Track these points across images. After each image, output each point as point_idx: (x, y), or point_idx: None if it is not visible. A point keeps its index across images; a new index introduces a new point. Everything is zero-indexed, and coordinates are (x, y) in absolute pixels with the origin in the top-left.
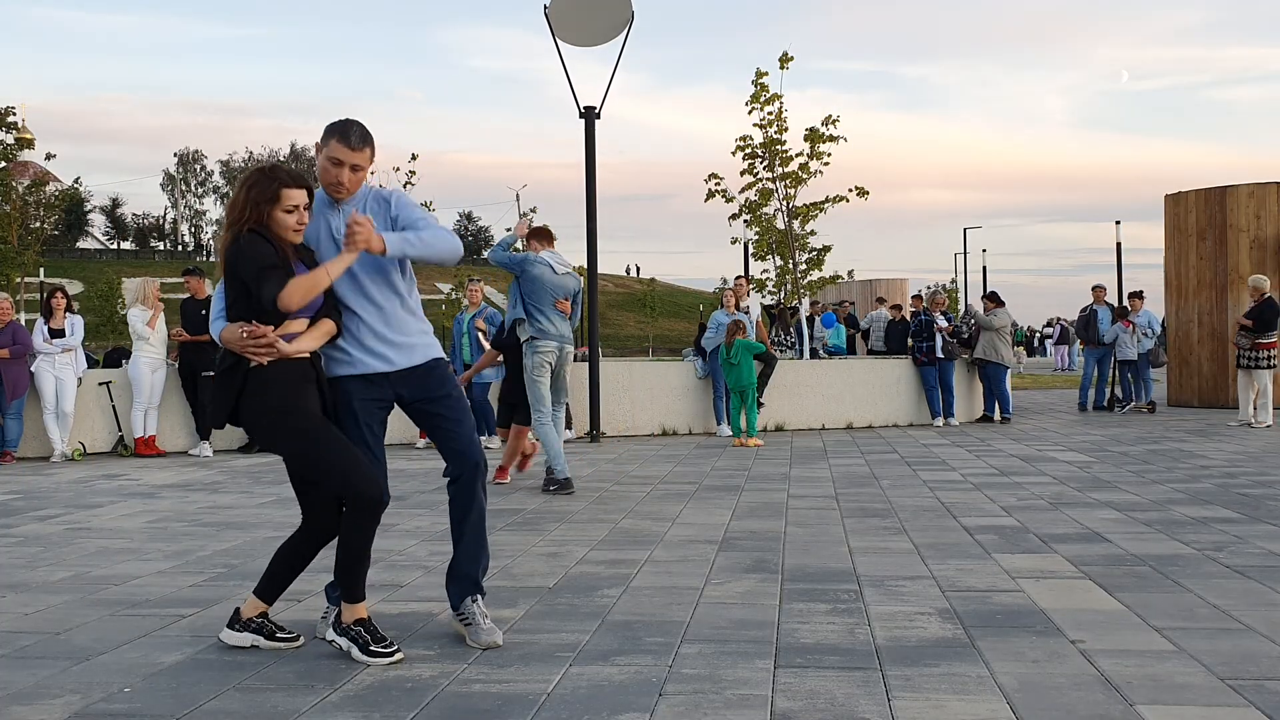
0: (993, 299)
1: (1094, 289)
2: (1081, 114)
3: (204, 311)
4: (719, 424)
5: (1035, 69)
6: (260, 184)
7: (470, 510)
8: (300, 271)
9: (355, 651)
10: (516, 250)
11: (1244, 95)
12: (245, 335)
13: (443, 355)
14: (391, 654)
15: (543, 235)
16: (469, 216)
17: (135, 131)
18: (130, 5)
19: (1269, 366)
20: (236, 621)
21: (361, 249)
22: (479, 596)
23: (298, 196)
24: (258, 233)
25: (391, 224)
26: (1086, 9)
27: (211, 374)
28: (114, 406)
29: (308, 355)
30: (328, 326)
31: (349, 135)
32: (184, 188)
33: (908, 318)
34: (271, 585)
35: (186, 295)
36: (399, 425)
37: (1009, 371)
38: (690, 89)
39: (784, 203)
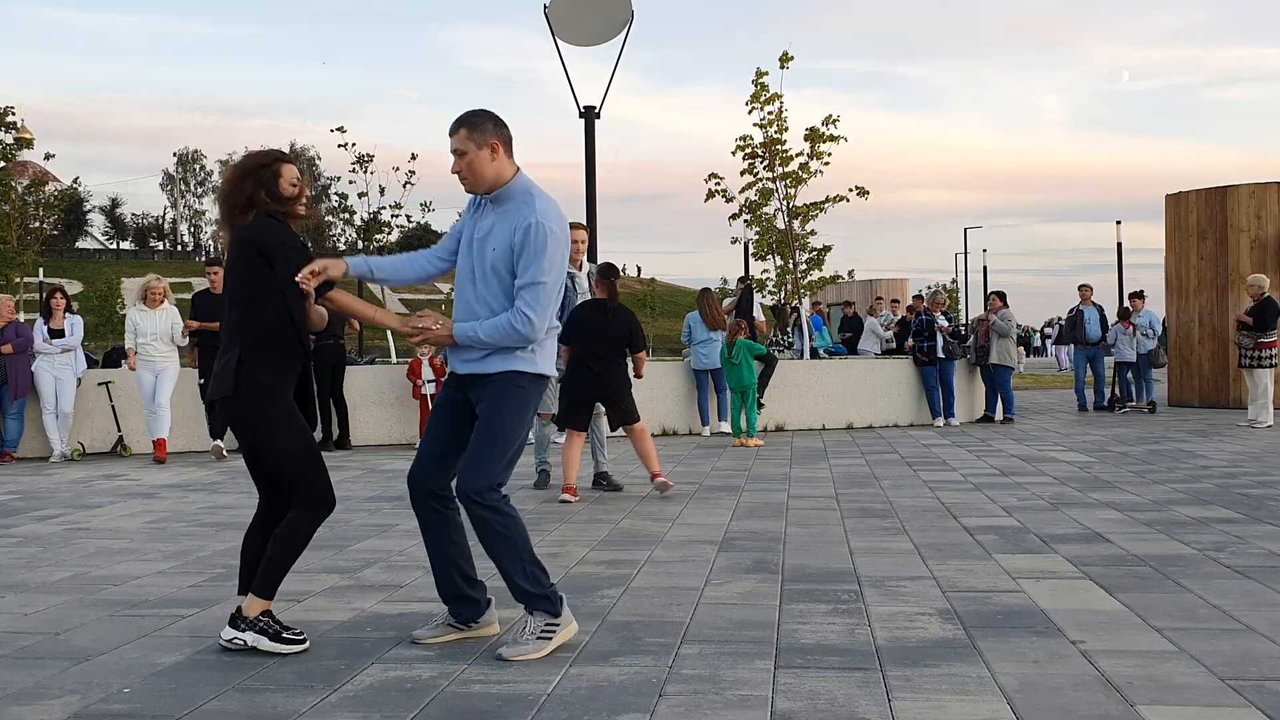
0: (1001, 298)
1: (1080, 288)
2: (1080, 114)
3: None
4: (704, 424)
5: (1033, 69)
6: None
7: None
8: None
9: (265, 642)
10: None
11: (1242, 95)
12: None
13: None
14: (303, 641)
15: None
16: None
17: (133, 131)
18: (127, 5)
19: (1270, 365)
20: (241, 620)
21: (422, 342)
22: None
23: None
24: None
25: (511, 258)
26: (1083, 9)
27: None
28: (114, 407)
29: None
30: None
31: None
32: (183, 188)
33: (904, 316)
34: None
35: (203, 289)
36: (399, 425)
37: (1013, 371)
38: (687, 89)
39: (784, 203)
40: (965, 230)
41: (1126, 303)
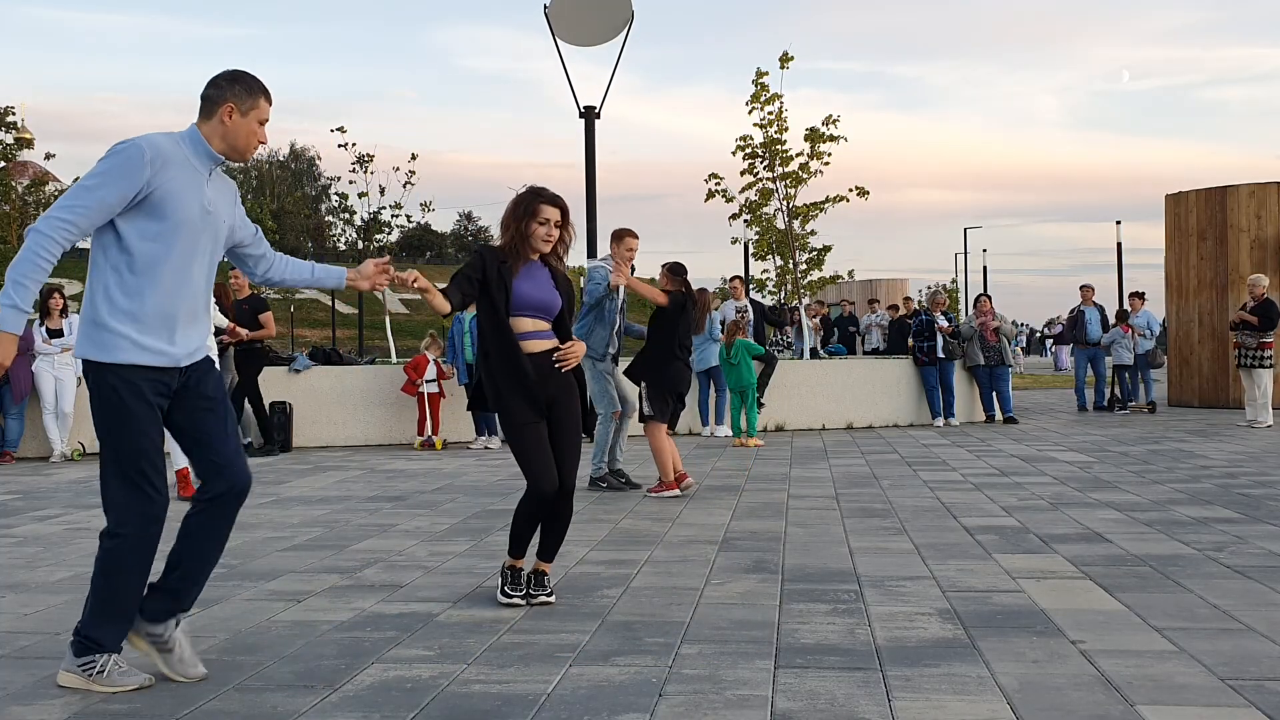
0: (990, 299)
1: (1082, 289)
2: (1078, 114)
3: (246, 307)
4: (704, 424)
5: (1031, 69)
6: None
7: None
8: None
9: (499, 588)
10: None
11: (1239, 95)
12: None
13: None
14: (511, 600)
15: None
16: (469, 216)
17: (132, 132)
18: (127, 5)
19: (1270, 365)
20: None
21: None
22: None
23: (549, 212)
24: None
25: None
26: (1080, 9)
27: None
28: None
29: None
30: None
31: None
32: None
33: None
34: (516, 544)
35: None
36: (399, 425)
37: (1011, 370)
38: (683, 89)
39: (784, 203)
40: (965, 230)
41: (1127, 303)
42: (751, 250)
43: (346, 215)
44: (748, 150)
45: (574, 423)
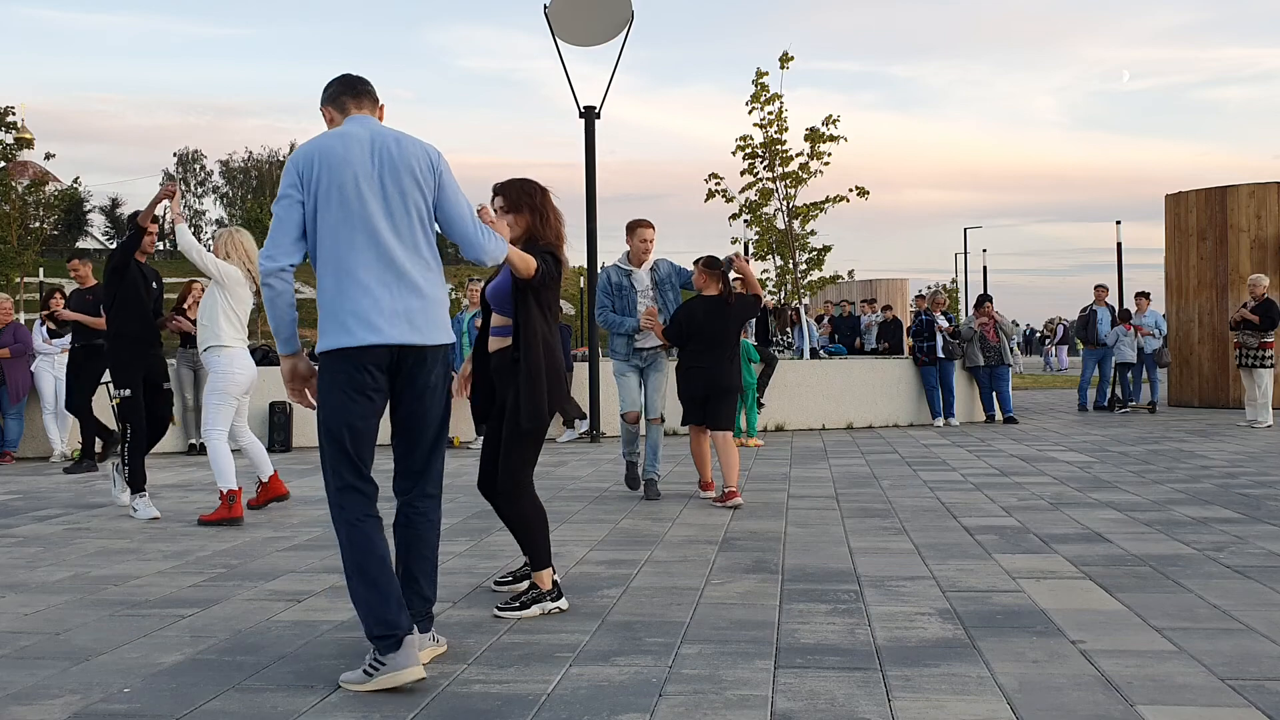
0: (991, 300)
1: (1096, 288)
2: (1076, 114)
3: (89, 297)
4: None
5: (1029, 69)
6: None
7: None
8: None
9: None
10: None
11: (1238, 95)
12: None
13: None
14: (550, 609)
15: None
16: None
17: (128, 131)
18: (127, 4)
19: (1271, 365)
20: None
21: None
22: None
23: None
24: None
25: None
26: (1077, 9)
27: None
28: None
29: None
30: None
31: None
32: (183, 188)
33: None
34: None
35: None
36: None
37: (1010, 370)
38: (683, 89)
39: (784, 203)
40: (965, 230)
41: (1129, 303)
42: (751, 250)
43: None
44: (748, 150)
45: (507, 430)
